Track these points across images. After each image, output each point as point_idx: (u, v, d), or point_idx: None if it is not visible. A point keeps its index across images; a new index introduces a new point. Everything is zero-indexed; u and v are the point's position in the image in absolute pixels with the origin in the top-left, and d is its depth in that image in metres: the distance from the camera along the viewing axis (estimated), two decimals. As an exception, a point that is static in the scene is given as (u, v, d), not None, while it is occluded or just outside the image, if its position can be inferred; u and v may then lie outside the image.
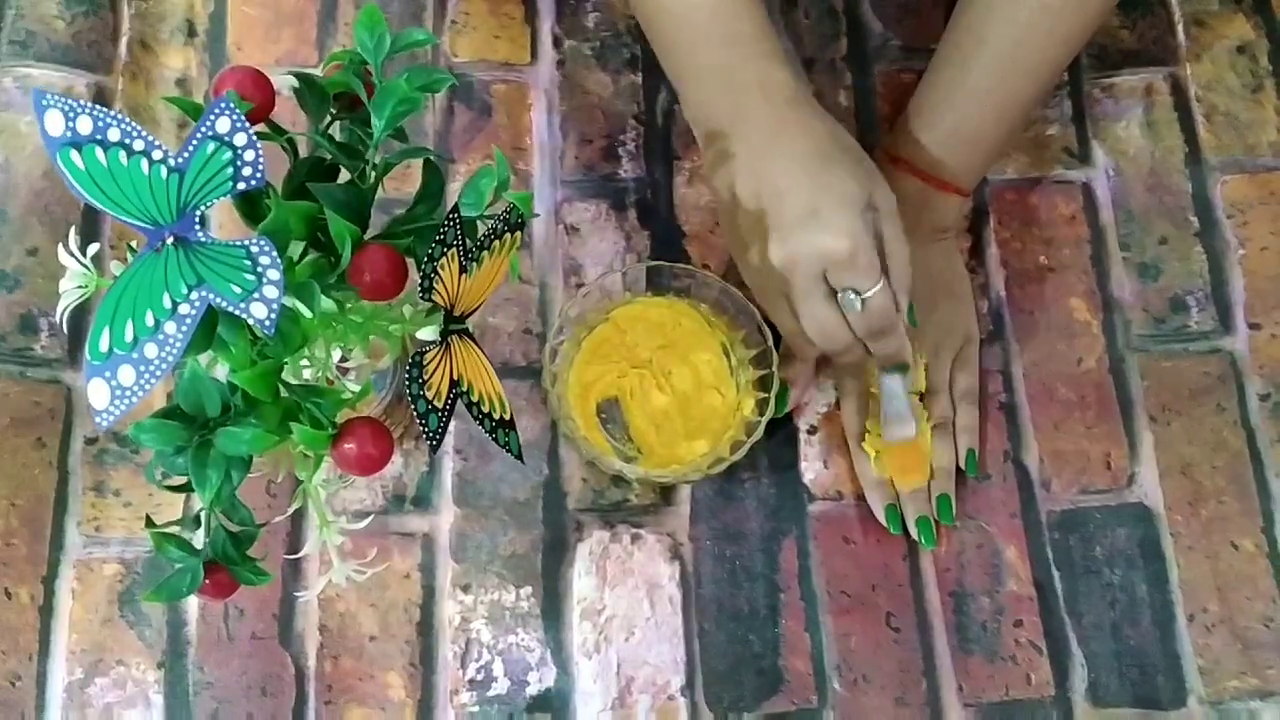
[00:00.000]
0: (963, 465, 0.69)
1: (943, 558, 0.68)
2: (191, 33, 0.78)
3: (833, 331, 0.59)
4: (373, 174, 0.47)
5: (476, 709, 0.65)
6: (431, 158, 0.49)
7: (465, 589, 0.67)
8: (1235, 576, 0.68)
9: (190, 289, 0.39)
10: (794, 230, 0.57)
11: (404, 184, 0.70)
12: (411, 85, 0.47)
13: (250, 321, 0.39)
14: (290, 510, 0.51)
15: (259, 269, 0.39)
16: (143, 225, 0.41)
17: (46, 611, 0.65)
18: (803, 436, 0.71)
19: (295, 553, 0.65)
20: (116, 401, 0.39)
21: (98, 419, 0.39)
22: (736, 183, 0.59)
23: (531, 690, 0.65)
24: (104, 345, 0.39)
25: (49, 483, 0.68)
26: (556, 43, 0.79)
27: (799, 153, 0.58)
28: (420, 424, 0.45)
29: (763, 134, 0.59)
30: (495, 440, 0.49)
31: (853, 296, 0.57)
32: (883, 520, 0.67)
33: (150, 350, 0.39)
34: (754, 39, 0.60)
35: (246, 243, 0.39)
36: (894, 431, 0.66)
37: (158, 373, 0.39)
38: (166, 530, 0.46)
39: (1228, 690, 0.66)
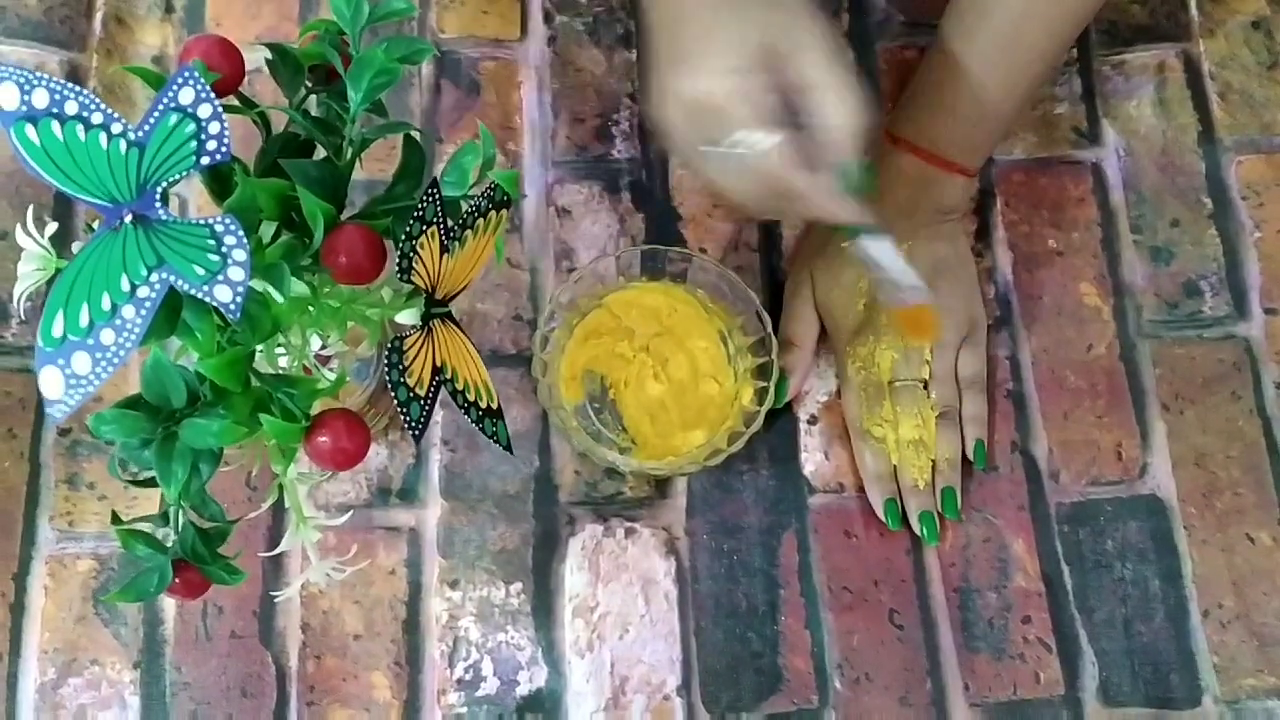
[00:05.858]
0: (970, 456, 0.67)
1: (948, 552, 0.66)
2: (169, 8, 0.75)
3: (734, 186, 0.53)
4: (349, 150, 0.45)
5: (465, 710, 0.62)
6: (412, 133, 0.46)
7: (453, 585, 0.64)
8: (1251, 571, 0.66)
9: (150, 271, 0.36)
10: (668, 71, 0.52)
11: (390, 165, 0.67)
12: (390, 56, 0.44)
13: (214, 305, 0.36)
14: (265, 506, 0.49)
15: (223, 249, 0.36)
16: (101, 203, 0.38)
17: (17, 609, 0.63)
18: (803, 427, 0.68)
19: (273, 550, 0.63)
20: (71, 391, 0.36)
21: (50, 410, 0.36)
22: (655, 7, 0.54)
23: (522, 690, 0.63)
24: (57, 331, 0.36)
25: (20, 475, 0.65)
26: (547, 18, 0.76)
27: None
28: (401, 413, 0.43)
29: None
30: (482, 430, 0.47)
31: (740, 153, 0.51)
32: (881, 515, 0.65)
33: (107, 336, 0.36)
34: None
35: (210, 221, 0.37)
36: (903, 297, 0.59)
37: (115, 360, 0.36)
38: (134, 527, 0.44)
39: (1244, 689, 0.64)
